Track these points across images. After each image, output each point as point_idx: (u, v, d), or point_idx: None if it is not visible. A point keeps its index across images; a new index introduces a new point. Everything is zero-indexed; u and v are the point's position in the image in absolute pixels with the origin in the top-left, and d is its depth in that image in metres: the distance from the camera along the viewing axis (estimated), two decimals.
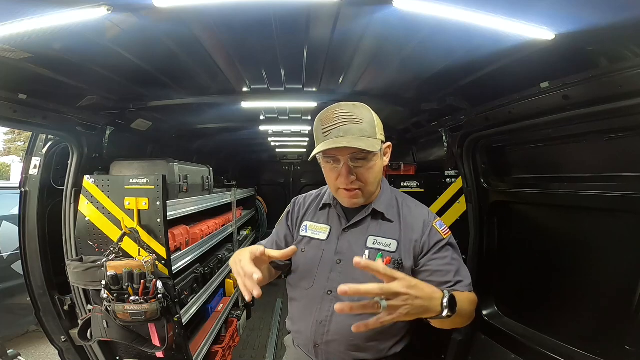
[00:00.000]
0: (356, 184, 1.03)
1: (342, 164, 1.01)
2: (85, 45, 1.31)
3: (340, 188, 1.05)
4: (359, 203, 1.08)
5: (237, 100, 2.20)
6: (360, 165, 1.02)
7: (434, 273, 1.05)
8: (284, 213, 1.30)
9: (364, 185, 1.04)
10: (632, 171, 1.33)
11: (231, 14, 1.18)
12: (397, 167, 2.95)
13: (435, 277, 1.04)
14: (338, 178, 1.04)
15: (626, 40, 1.09)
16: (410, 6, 1.03)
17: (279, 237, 1.26)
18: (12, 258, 3.37)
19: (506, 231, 2.09)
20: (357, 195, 1.05)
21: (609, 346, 1.40)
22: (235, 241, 3.90)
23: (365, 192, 1.06)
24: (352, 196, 1.05)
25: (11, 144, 18.26)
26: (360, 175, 1.03)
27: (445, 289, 0.88)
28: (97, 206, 1.94)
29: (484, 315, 2.08)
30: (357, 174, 1.02)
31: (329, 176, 1.08)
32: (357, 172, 1.02)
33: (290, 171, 6.51)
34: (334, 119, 1.01)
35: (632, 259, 1.36)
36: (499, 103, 1.70)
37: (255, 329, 3.86)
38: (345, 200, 1.08)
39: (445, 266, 1.05)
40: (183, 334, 2.05)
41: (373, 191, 1.09)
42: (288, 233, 1.25)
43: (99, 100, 1.94)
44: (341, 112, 1.01)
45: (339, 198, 1.10)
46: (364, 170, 1.02)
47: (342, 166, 1.01)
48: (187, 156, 3.33)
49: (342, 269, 1.07)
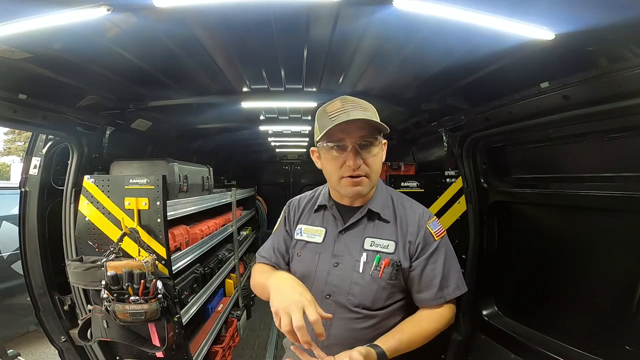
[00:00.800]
0: (362, 170, 1.02)
1: (349, 149, 1.01)
2: (85, 45, 1.31)
3: (345, 176, 1.04)
4: (362, 192, 1.06)
5: (237, 100, 2.19)
6: (369, 153, 1.02)
7: (421, 277, 1.07)
8: (280, 218, 1.29)
9: (369, 173, 1.04)
10: (632, 171, 1.33)
11: (231, 14, 1.18)
12: (397, 167, 2.95)
13: (423, 280, 1.07)
14: (342, 166, 1.03)
15: (626, 40, 1.09)
16: (410, 6, 1.03)
17: (279, 244, 1.25)
18: (12, 258, 3.37)
19: (506, 231, 2.09)
20: (362, 183, 1.04)
21: (609, 346, 1.40)
22: (235, 241, 3.90)
23: (371, 180, 1.05)
24: (357, 183, 1.03)
25: (11, 144, 18.26)
26: (367, 162, 1.02)
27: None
28: (97, 206, 1.94)
29: (484, 315, 2.08)
30: (364, 160, 1.02)
31: (332, 165, 1.06)
32: (365, 159, 1.02)
33: (290, 171, 6.51)
34: (341, 107, 1.02)
35: (632, 259, 1.36)
36: (499, 103, 1.70)
37: (255, 329, 3.86)
38: (349, 189, 1.05)
39: (433, 271, 1.06)
40: (183, 334, 2.04)
41: (374, 183, 1.08)
42: (287, 237, 1.24)
43: (99, 100, 1.93)
44: (348, 101, 1.03)
45: (342, 189, 1.07)
46: (369, 157, 1.03)
47: (350, 150, 1.01)
48: (187, 156, 3.33)
49: (340, 272, 1.07)
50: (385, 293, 1.06)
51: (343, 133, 1.01)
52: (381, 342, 0.98)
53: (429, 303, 1.08)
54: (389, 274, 1.05)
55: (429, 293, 1.07)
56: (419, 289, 1.08)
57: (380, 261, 1.05)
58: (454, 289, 1.07)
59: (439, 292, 1.06)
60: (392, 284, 1.06)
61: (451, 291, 1.07)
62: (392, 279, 1.05)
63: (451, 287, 1.07)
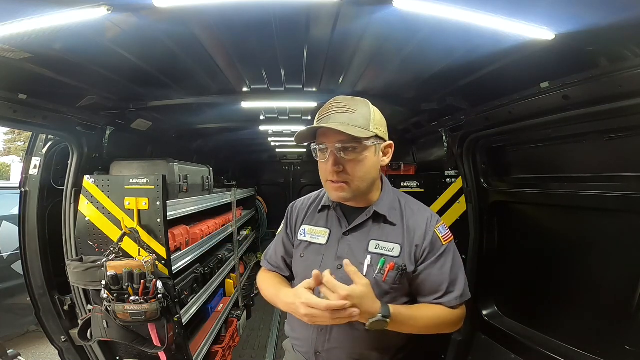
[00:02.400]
0: (342, 177, 1.01)
1: (328, 153, 1.01)
2: (85, 45, 1.31)
3: (328, 180, 1.04)
4: (345, 198, 1.05)
5: (237, 100, 2.19)
6: (350, 158, 1.00)
7: (427, 282, 1.05)
8: (283, 221, 1.29)
9: (351, 179, 1.01)
10: (632, 171, 1.33)
11: (231, 14, 1.18)
12: (397, 167, 2.95)
13: (428, 286, 1.05)
14: (326, 168, 1.03)
15: (626, 40, 1.09)
16: (410, 6, 1.03)
17: (281, 249, 1.26)
18: (12, 258, 3.37)
19: (506, 231, 2.10)
20: (342, 189, 1.02)
21: (609, 346, 1.40)
22: (235, 241, 3.89)
23: (352, 186, 1.02)
24: (337, 189, 1.03)
25: (11, 144, 18.26)
26: (348, 167, 1.01)
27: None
28: (97, 206, 1.94)
29: (484, 315, 2.08)
30: (344, 166, 1.00)
31: (320, 169, 1.07)
32: (345, 164, 1.00)
33: (290, 171, 6.50)
34: (328, 109, 1.02)
35: (632, 259, 1.36)
36: (499, 103, 1.70)
37: (255, 329, 3.86)
38: (332, 193, 1.05)
39: (439, 277, 1.04)
40: (183, 334, 2.04)
41: (363, 188, 1.05)
42: (287, 241, 1.24)
43: (99, 100, 1.93)
44: (336, 103, 1.02)
45: (328, 191, 1.08)
46: (352, 163, 1.00)
47: (329, 155, 1.01)
48: (187, 156, 3.33)
49: (343, 275, 1.05)
50: (389, 297, 1.03)
51: (323, 137, 1.01)
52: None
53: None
54: (393, 278, 1.03)
55: (434, 298, 1.05)
56: (424, 293, 1.06)
57: (384, 264, 1.03)
58: (459, 295, 1.05)
59: (445, 297, 1.04)
60: (395, 288, 1.04)
61: (457, 297, 1.04)
62: (396, 283, 1.03)
63: (457, 293, 1.04)
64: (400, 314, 0.95)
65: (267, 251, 1.32)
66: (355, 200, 1.09)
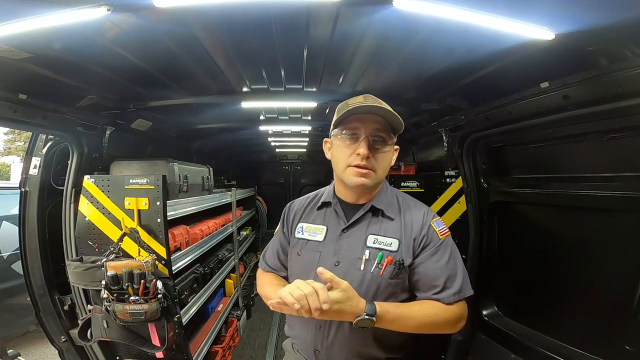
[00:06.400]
0: (370, 163, 1.03)
1: (362, 138, 1.03)
2: (85, 45, 1.31)
3: (352, 165, 1.04)
4: (366, 184, 1.05)
5: (237, 100, 2.19)
6: (377, 148, 1.04)
7: (423, 276, 1.05)
8: (280, 221, 1.30)
9: (377, 168, 1.05)
10: (632, 171, 1.33)
11: (231, 14, 1.18)
12: (397, 167, 2.95)
13: (425, 280, 1.05)
14: (352, 154, 1.04)
15: (626, 40, 1.09)
16: (410, 6, 1.03)
17: (278, 248, 1.27)
18: (12, 258, 3.37)
19: (506, 231, 2.09)
20: (368, 175, 1.04)
21: (609, 346, 1.40)
22: (235, 241, 3.89)
23: (376, 175, 1.05)
24: (362, 174, 1.04)
25: (11, 144, 18.25)
26: (375, 156, 1.04)
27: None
28: (97, 206, 1.94)
29: (484, 315, 2.08)
30: (373, 154, 1.04)
31: (341, 153, 1.07)
32: (375, 153, 1.04)
33: (290, 171, 6.50)
34: (363, 100, 1.05)
35: (632, 259, 1.36)
36: (499, 103, 1.70)
37: (255, 329, 3.86)
38: (353, 178, 1.05)
39: (436, 271, 1.04)
40: (183, 334, 2.04)
41: (380, 181, 1.09)
42: (284, 240, 1.25)
43: (99, 100, 1.93)
44: (371, 98, 1.08)
45: (346, 177, 1.06)
46: (379, 153, 1.04)
47: (362, 139, 1.03)
48: (187, 156, 3.33)
49: (340, 271, 1.05)
50: (387, 292, 1.04)
51: (359, 122, 1.04)
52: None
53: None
54: (391, 272, 1.03)
55: (432, 294, 1.03)
56: (422, 289, 1.05)
57: (382, 259, 1.04)
58: (457, 292, 1.02)
59: (443, 292, 1.02)
60: (394, 282, 1.04)
61: (454, 293, 1.02)
62: (394, 278, 1.04)
63: (454, 290, 1.02)
64: (387, 312, 0.95)
65: (264, 252, 1.33)
66: (369, 190, 1.10)
